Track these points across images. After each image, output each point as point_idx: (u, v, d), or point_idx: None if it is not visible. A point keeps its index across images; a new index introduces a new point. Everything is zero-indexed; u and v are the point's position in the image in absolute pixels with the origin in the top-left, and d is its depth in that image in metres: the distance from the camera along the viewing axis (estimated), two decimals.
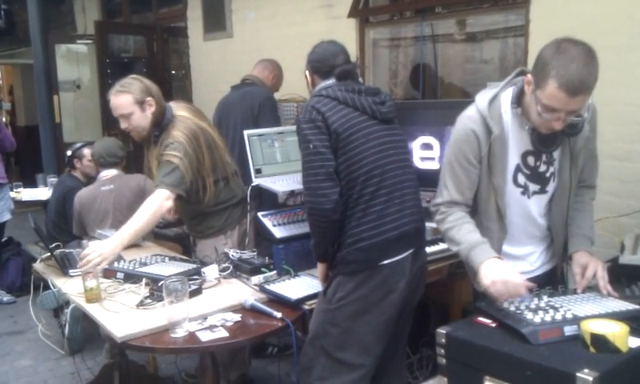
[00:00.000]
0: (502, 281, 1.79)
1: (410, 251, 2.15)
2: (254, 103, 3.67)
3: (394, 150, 2.19)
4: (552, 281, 2.04)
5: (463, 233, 1.95)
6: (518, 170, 1.97)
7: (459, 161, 1.96)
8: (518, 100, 1.90)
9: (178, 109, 2.87)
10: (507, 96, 1.94)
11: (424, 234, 2.27)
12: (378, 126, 2.17)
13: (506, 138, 1.92)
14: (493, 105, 1.92)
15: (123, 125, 2.81)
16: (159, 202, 2.63)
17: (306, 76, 2.37)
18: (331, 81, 2.24)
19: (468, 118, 1.95)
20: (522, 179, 1.98)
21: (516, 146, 1.94)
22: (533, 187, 1.99)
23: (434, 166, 2.98)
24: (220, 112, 3.95)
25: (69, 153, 4.60)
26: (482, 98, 1.95)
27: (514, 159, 1.95)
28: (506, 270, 1.83)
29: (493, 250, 1.92)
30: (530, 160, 1.96)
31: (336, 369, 2.16)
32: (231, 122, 3.77)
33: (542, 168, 1.98)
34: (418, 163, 3.04)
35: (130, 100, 2.73)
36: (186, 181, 2.68)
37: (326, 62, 2.28)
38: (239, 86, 3.96)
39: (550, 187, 2.01)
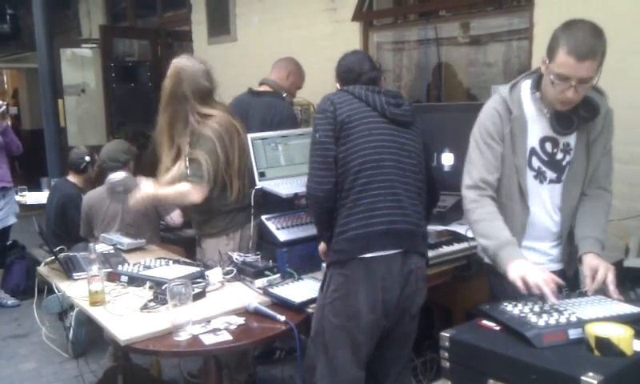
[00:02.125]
0: (528, 275, 1.84)
1: (399, 251, 2.13)
2: (274, 119, 3.50)
3: (397, 151, 2.20)
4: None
5: (495, 229, 2.01)
6: (532, 152, 2.06)
7: (484, 139, 2.07)
8: (537, 86, 2.03)
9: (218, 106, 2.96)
10: (527, 84, 2.07)
11: (419, 239, 2.22)
12: (386, 125, 2.21)
13: (525, 120, 2.04)
14: (513, 90, 2.07)
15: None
16: (188, 189, 2.77)
17: (337, 88, 2.42)
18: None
19: (492, 101, 2.11)
20: (535, 163, 2.06)
21: (535, 130, 2.04)
22: (550, 175, 2.07)
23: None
24: (236, 114, 3.77)
25: (87, 158, 4.45)
26: (504, 86, 2.10)
27: (531, 142, 2.05)
28: (533, 267, 1.88)
29: (518, 241, 2.02)
30: (548, 146, 2.04)
31: (333, 367, 2.18)
32: (248, 130, 3.29)
33: (559, 156, 2.05)
34: None
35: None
36: (210, 178, 2.78)
37: (352, 72, 2.34)
38: (259, 93, 3.73)
39: (565, 176, 2.07)
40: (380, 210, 2.13)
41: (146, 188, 2.88)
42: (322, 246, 2.48)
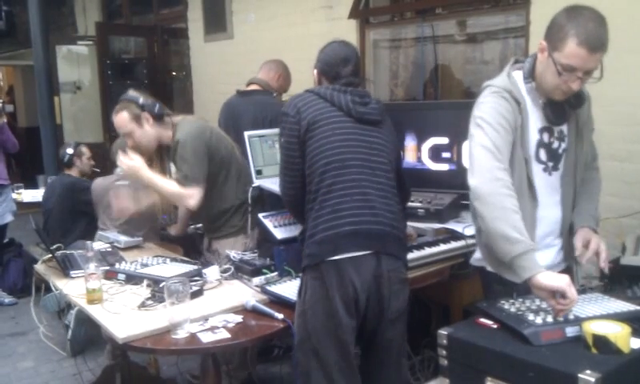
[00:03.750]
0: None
1: (370, 252, 2.06)
2: (266, 118, 3.46)
3: (364, 149, 2.14)
4: None
5: (523, 225, 1.78)
6: (539, 145, 1.99)
7: (499, 122, 1.87)
8: (531, 75, 1.95)
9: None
10: (518, 75, 1.99)
11: (392, 241, 2.13)
12: (351, 124, 2.16)
13: (527, 112, 1.95)
14: (511, 81, 1.96)
15: (129, 143, 2.88)
16: (184, 192, 2.71)
17: (313, 74, 2.35)
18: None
19: (494, 93, 1.92)
20: (543, 155, 2.00)
21: (534, 121, 1.97)
22: (550, 164, 2.03)
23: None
24: (227, 119, 3.74)
25: (70, 151, 4.53)
26: (499, 79, 1.98)
27: (534, 135, 1.98)
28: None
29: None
30: (545, 136, 2.00)
31: (326, 368, 2.11)
32: (241, 131, 3.31)
33: (555, 144, 2.01)
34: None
35: (126, 117, 2.81)
36: (202, 174, 2.74)
37: (334, 68, 2.24)
38: (248, 92, 3.73)
39: (561, 164, 2.04)
40: (346, 210, 2.07)
41: (136, 161, 2.75)
42: None
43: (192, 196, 2.72)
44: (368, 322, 2.14)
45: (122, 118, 2.82)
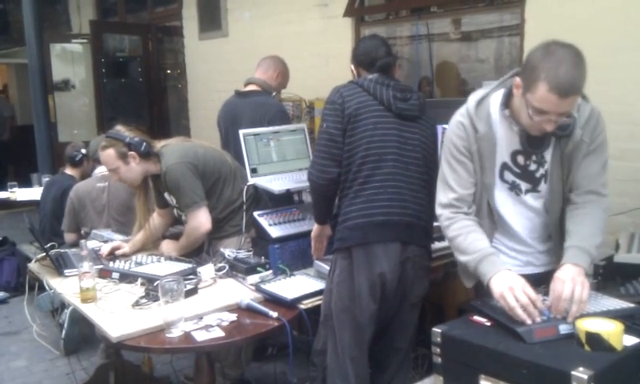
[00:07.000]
0: (511, 288, 1.68)
1: (397, 242, 2.20)
2: (265, 118, 3.41)
3: (400, 144, 2.25)
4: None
5: (470, 241, 1.89)
6: (504, 167, 1.96)
7: (454, 155, 1.96)
8: (507, 102, 1.90)
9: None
10: (497, 97, 1.93)
11: (419, 231, 2.27)
12: (391, 119, 2.26)
13: (493, 136, 1.92)
14: (481, 104, 1.93)
15: (114, 178, 2.97)
16: (192, 223, 2.82)
17: (351, 70, 2.49)
18: (375, 75, 2.32)
19: (459, 114, 2.00)
20: (509, 177, 1.96)
21: (505, 145, 1.94)
22: (525, 186, 1.97)
23: None
24: (225, 120, 3.70)
25: (83, 151, 4.49)
26: (472, 98, 1.96)
27: (501, 157, 1.95)
28: (516, 280, 1.72)
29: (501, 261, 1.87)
30: (520, 159, 1.95)
31: (340, 349, 2.25)
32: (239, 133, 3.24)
33: (532, 167, 1.95)
34: None
35: (113, 155, 2.83)
36: (199, 195, 2.80)
37: (368, 55, 2.39)
38: (246, 93, 3.66)
39: (542, 188, 1.96)
40: (379, 201, 2.20)
41: (168, 246, 2.96)
42: (314, 231, 2.54)
43: (201, 223, 2.80)
44: (390, 306, 2.27)
45: (108, 155, 2.84)
